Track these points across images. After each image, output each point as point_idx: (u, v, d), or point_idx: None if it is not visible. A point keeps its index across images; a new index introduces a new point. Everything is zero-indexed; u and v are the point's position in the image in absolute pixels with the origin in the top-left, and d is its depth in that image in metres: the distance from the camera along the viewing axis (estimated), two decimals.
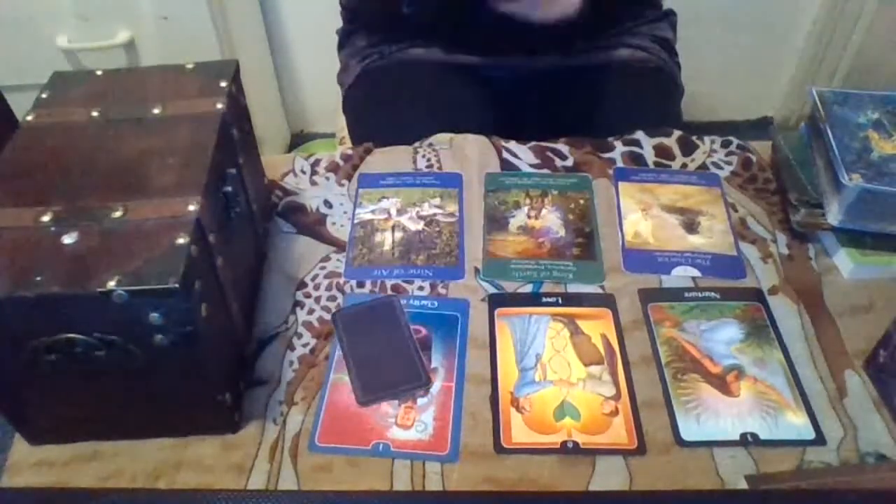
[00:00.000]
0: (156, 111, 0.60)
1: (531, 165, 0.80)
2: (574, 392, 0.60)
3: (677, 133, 0.83)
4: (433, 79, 0.93)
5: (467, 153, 0.81)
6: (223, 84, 0.62)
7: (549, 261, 0.70)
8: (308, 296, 0.68)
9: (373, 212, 0.76)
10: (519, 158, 0.81)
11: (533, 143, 0.83)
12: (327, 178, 0.80)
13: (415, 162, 0.81)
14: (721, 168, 0.80)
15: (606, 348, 0.63)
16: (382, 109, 0.94)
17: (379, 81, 0.95)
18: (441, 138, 0.83)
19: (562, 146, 0.82)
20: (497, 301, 0.67)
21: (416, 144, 0.83)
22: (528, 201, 0.76)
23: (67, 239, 0.49)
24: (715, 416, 0.58)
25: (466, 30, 0.91)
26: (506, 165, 0.80)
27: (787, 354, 0.62)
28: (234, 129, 0.63)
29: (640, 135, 0.83)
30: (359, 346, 0.63)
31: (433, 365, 0.62)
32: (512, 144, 0.82)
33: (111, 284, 0.45)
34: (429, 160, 0.81)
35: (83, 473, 0.55)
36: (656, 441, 0.56)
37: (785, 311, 0.65)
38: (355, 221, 0.75)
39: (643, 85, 0.94)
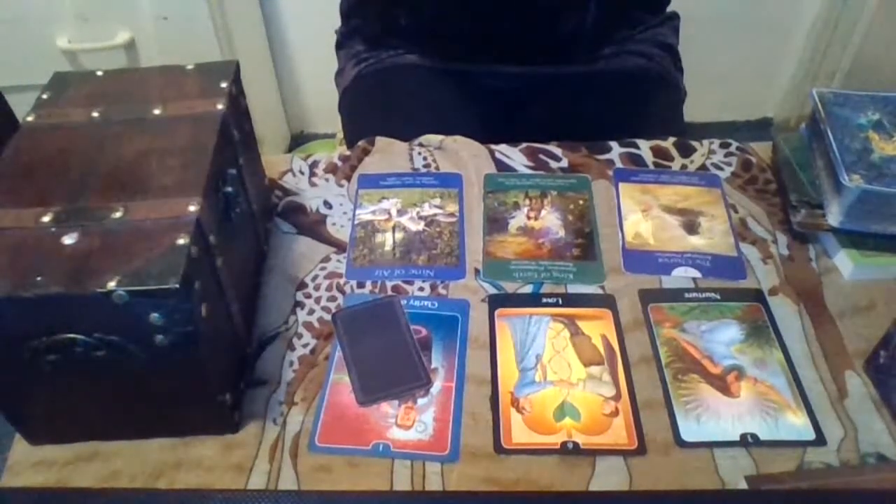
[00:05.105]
0: (156, 112, 0.60)
1: (525, 167, 0.80)
2: (574, 392, 0.60)
3: (673, 137, 0.83)
4: (429, 84, 0.93)
5: (462, 154, 0.81)
6: (223, 84, 0.62)
7: (549, 261, 0.70)
8: (308, 296, 0.68)
9: (373, 212, 0.76)
10: (512, 160, 0.81)
11: (524, 144, 0.83)
12: (326, 180, 0.80)
13: (412, 160, 0.81)
14: (721, 169, 0.80)
15: (607, 349, 0.63)
16: (377, 114, 0.94)
17: (374, 85, 0.95)
18: (431, 139, 0.83)
19: (553, 148, 0.82)
20: (497, 301, 0.67)
21: (409, 143, 0.83)
22: (527, 202, 0.76)
23: (68, 239, 0.49)
24: (715, 417, 0.58)
25: (464, 40, 0.91)
26: (501, 167, 0.80)
27: (787, 355, 0.62)
28: (235, 129, 0.63)
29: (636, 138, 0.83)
30: (359, 347, 0.63)
31: (433, 365, 0.62)
32: (503, 147, 0.82)
33: (111, 285, 0.45)
34: (426, 159, 0.81)
35: (83, 473, 0.55)
36: (656, 441, 0.56)
37: (785, 311, 0.65)
38: (356, 222, 0.75)
39: (646, 94, 0.94)
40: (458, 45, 0.91)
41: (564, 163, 0.81)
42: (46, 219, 0.50)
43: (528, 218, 0.75)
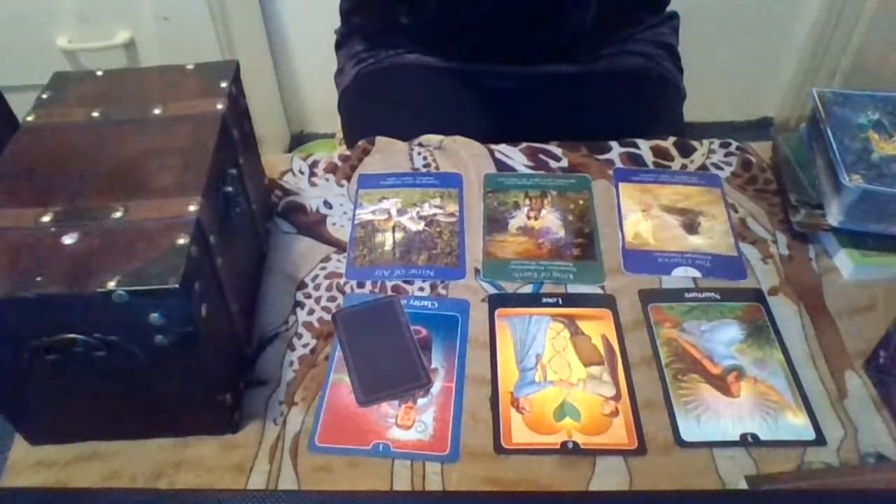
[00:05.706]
0: (156, 112, 0.60)
1: (525, 167, 0.80)
2: (574, 392, 0.60)
3: (673, 137, 0.83)
4: (429, 84, 0.93)
5: (462, 154, 0.81)
6: (223, 84, 0.62)
7: (549, 261, 0.70)
8: (308, 296, 0.68)
9: (373, 212, 0.76)
10: (512, 160, 0.81)
11: (524, 144, 0.83)
12: (326, 180, 0.80)
13: (412, 160, 0.81)
14: (721, 169, 0.80)
15: (607, 349, 0.63)
16: (376, 114, 0.94)
17: (373, 86, 0.95)
18: (430, 139, 0.83)
19: (553, 148, 0.82)
20: (497, 301, 0.67)
21: (409, 143, 0.83)
22: (527, 202, 0.76)
23: (67, 239, 0.49)
24: (715, 417, 0.58)
25: (465, 40, 0.91)
26: (501, 166, 0.80)
27: (787, 355, 0.62)
28: (235, 129, 0.63)
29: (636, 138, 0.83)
30: (359, 347, 0.63)
31: (433, 365, 0.62)
32: (503, 147, 0.82)
33: (111, 285, 0.45)
34: (426, 159, 0.81)
35: (83, 473, 0.55)
36: (656, 441, 0.56)
37: (785, 311, 0.65)
38: (356, 222, 0.75)
39: (646, 94, 0.94)
40: (458, 44, 0.91)
41: (564, 163, 0.81)
42: (46, 219, 0.50)
43: (528, 218, 0.75)
